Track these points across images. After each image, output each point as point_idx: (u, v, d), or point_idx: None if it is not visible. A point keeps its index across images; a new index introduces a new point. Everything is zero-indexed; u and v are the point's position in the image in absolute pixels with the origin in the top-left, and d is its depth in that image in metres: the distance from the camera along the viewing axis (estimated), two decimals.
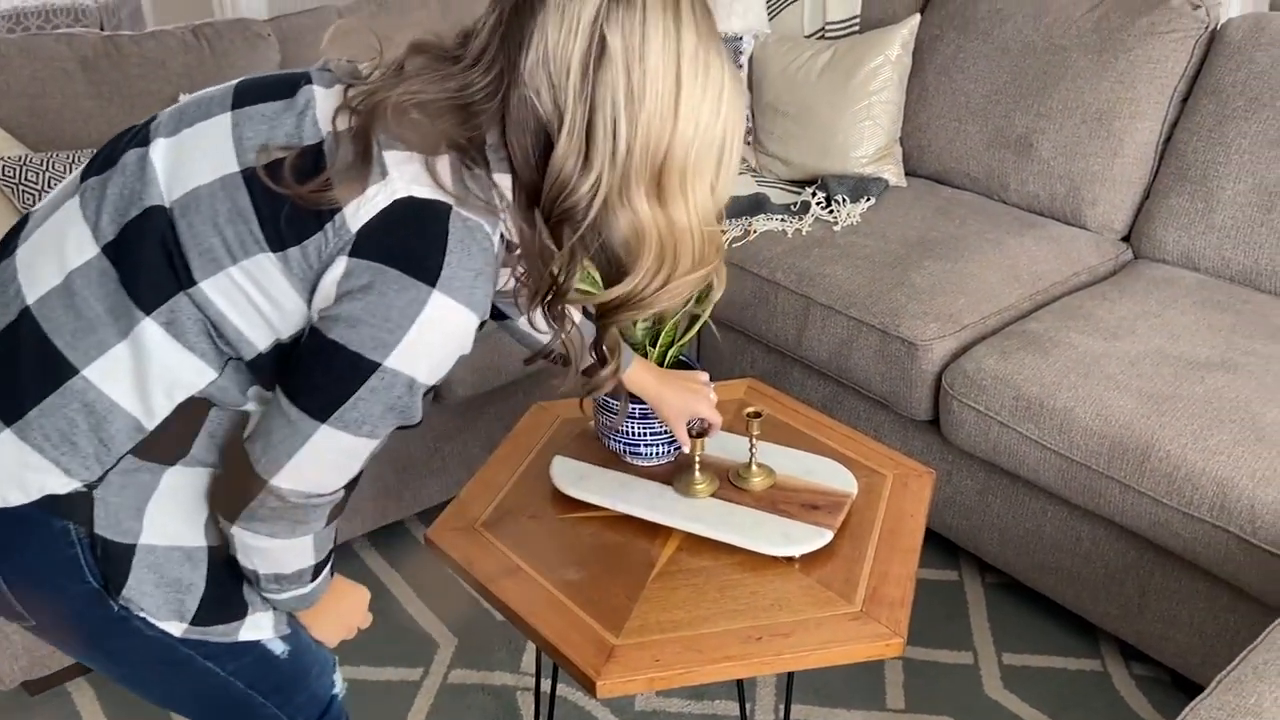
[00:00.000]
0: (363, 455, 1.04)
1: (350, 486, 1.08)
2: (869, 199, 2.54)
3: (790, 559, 1.44)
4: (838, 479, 1.55)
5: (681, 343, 1.56)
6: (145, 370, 1.00)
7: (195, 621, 1.10)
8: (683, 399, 1.48)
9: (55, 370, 1.00)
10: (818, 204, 2.53)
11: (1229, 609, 1.79)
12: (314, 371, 0.98)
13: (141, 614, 1.07)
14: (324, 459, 1.01)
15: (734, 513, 1.49)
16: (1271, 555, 1.66)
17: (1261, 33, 2.24)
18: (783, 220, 2.50)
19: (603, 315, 1.09)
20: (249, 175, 0.98)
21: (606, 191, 0.97)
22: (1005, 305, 2.18)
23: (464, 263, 0.95)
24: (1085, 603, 2.00)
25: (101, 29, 4.46)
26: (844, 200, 2.52)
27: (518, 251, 1.05)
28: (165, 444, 1.04)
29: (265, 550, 1.07)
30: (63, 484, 1.02)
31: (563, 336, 1.13)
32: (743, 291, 2.40)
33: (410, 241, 0.95)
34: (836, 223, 2.46)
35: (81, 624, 1.09)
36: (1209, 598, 1.81)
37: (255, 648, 1.16)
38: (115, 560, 1.05)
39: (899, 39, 2.64)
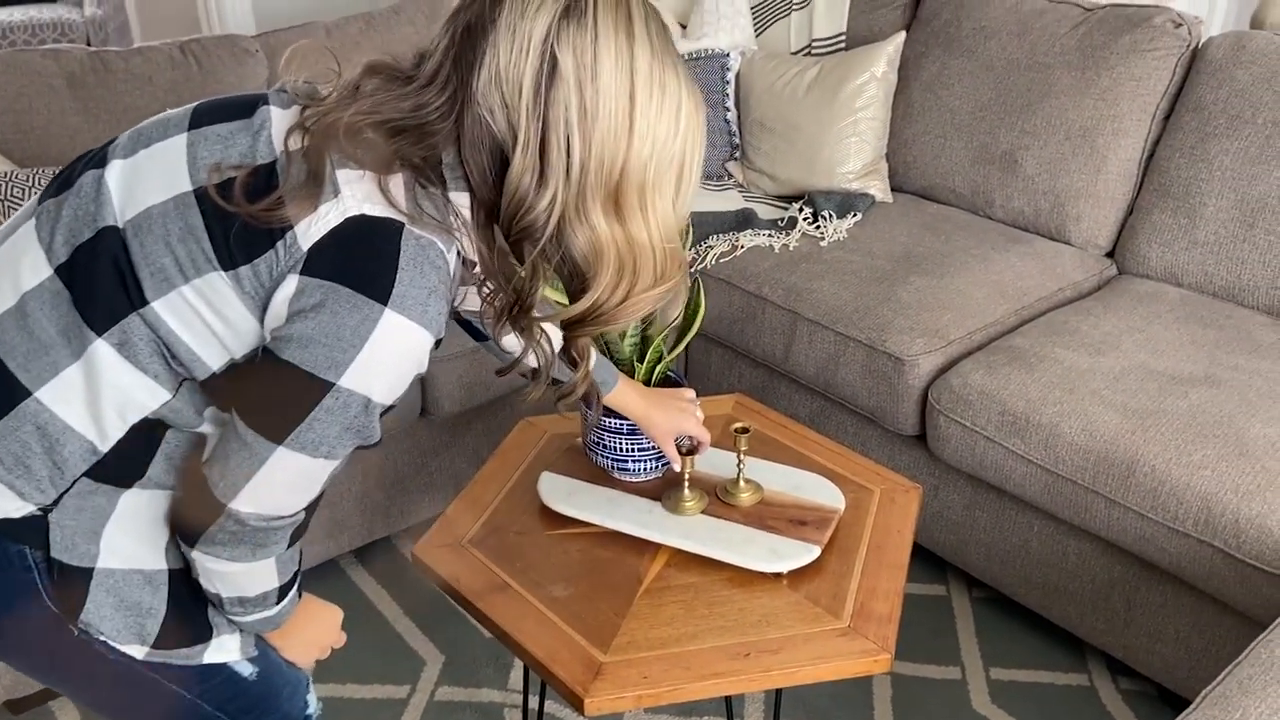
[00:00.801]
0: (322, 477, 1.03)
1: (311, 508, 1.08)
2: (855, 215, 2.55)
3: (778, 575, 1.44)
4: (825, 494, 1.55)
5: (669, 359, 1.57)
6: (97, 392, 1.00)
7: (157, 645, 1.09)
8: (670, 417, 1.48)
9: (8, 393, 1.00)
10: (805, 220, 2.54)
11: (1215, 623, 1.80)
12: (268, 393, 0.98)
13: (102, 637, 1.06)
14: (282, 481, 1.00)
15: (722, 529, 1.49)
16: (1256, 569, 1.67)
17: (1242, 51, 2.26)
18: (770, 236, 2.51)
19: (567, 328, 1.09)
20: (201, 194, 0.98)
21: (563, 208, 0.97)
22: (991, 321, 2.19)
23: (416, 281, 0.95)
24: (1072, 617, 2.00)
25: (88, 44, 4.45)
26: (830, 216, 2.53)
27: (477, 269, 1.05)
28: (120, 466, 1.04)
29: (227, 574, 1.06)
30: (16, 507, 1.01)
31: (533, 349, 1.12)
32: (730, 307, 2.41)
33: (362, 259, 0.94)
34: (823, 238, 2.47)
35: (43, 649, 1.08)
36: (1195, 612, 1.82)
37: (223, 670, 1.15)
38: (73, 584, 1.04)
39: (885, 56, 2.66)
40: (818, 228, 2.51)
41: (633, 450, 1.54)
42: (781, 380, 2.41)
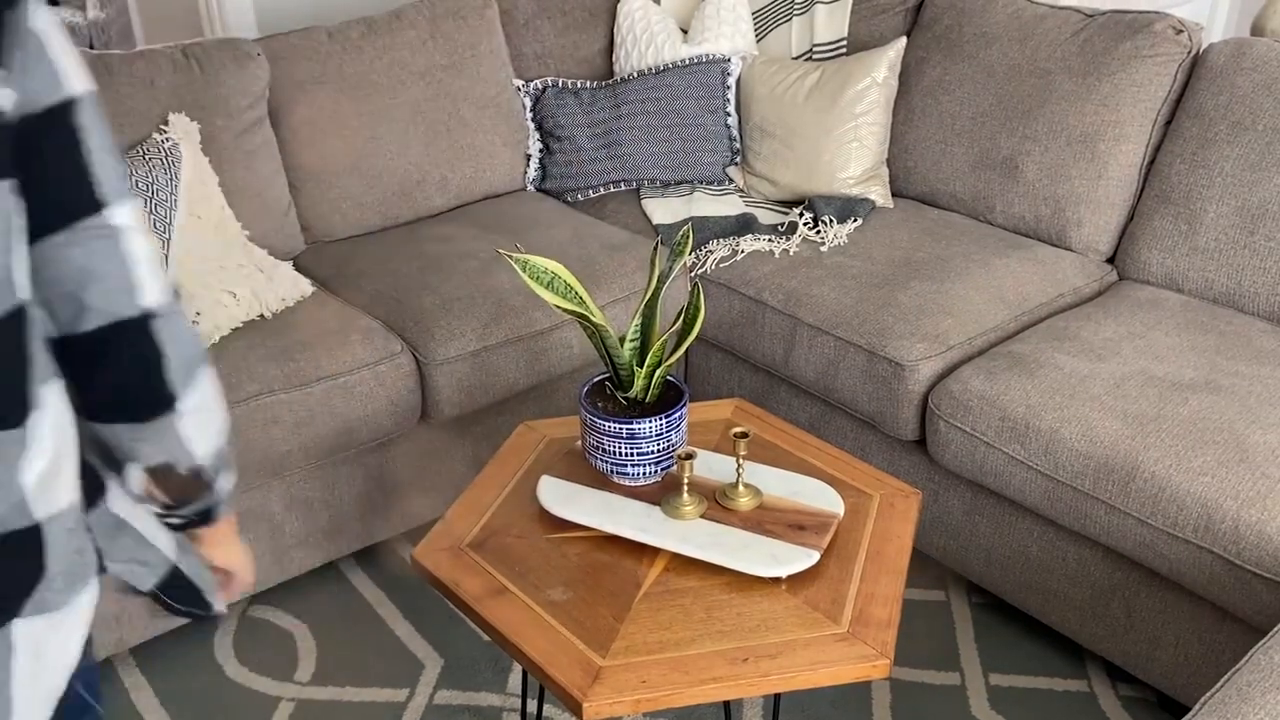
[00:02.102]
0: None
1: None
2: (856, 220, 2.55)
3: (777, 580, 1.44)
4: (824, 499, 1.55)
5: (668, 363, 1.57)
6: (60, 451, 0.85)
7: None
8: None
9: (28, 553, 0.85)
10: (805, 225, 2.54)
11: (1214, 629, 1.79)
12: (44, 177, 0.80)
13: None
14: (144, 236, 0.84)
15: (721, 533, 1.49)
16: (1255, 576, 1.67)
17: (1243, 57, 2.27)
18: (770, 240, 2.51)
19: None
20: None
21: None
22: (991, 326, 2.19)
23: None
24: (1072, 623, 2.00)
25: (91, 47, 4.46)
26: (831, 221, 2.53)
27: None
28: (89, 475, 0.93)
29: (216, 404, 0.91)
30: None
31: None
32: (730, 311, 2.41)
33: None
34: (823, 243, 2.48)
35: None
36: (1194, 618, 1.82)
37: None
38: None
39: (886, 61, 2.66)
40: (818, 232, 2.51)
41: (632, 454, 1.54)
42: (781, 385, 2.41)
